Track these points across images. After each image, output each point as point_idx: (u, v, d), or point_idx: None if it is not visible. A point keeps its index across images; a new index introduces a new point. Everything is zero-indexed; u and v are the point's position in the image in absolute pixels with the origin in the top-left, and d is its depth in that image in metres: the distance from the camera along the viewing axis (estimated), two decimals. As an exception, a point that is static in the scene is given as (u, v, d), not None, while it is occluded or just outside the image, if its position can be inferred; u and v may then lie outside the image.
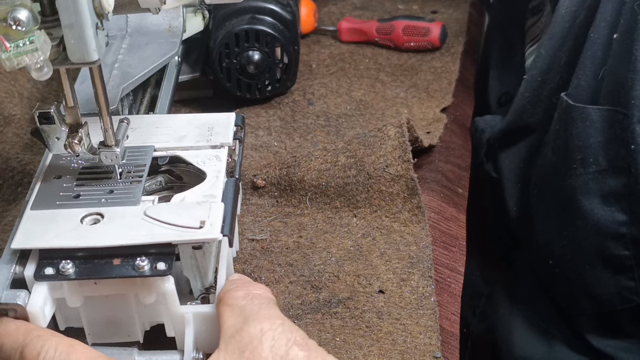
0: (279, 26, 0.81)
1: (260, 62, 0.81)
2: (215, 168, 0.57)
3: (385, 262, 0.64)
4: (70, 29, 0.48)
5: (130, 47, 0.73)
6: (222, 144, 0.60)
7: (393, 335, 0.58)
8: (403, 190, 0.69)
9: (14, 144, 0.78)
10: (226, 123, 0.62)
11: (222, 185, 0.55)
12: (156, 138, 0.61)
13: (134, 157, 0.58)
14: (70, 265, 0.49)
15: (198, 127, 0.62)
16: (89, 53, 0.49)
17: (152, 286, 0.50)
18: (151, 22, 0.75)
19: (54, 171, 0.57)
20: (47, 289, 0.49)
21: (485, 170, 0.85)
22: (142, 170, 0.57)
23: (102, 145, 0.55)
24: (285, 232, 0.67)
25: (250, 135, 0.80)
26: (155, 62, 0.70)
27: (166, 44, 0.73)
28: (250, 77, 0.82)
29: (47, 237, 0.50)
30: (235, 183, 0.57)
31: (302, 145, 0.79)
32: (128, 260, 0.49)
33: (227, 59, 0.81)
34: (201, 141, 0.60)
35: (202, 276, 0.53)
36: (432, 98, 0.86)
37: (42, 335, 0.47)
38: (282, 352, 0.45)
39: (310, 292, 0.62)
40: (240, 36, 0.80)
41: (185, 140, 0.60)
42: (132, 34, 0.74)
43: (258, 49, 0.81)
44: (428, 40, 0.94)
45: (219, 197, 0.54)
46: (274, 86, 0.84)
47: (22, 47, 0.46)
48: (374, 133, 0.71)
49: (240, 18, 0.81)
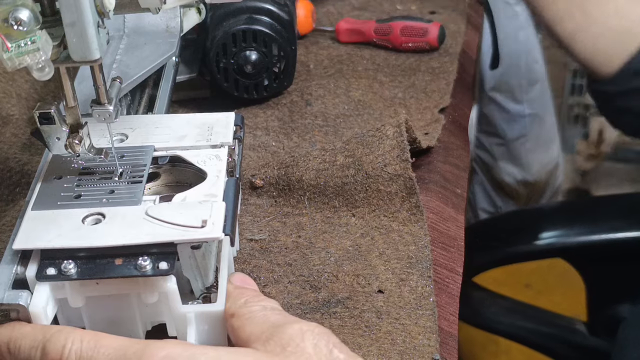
0: (277, 26, 0.82)
1: (257, 62, 0.82)
2: (215, 168, 0.57)
3: (384, 262, 0.64)
4: (72, 27, 0.48)
5: (128, 48, 0.73)
6: (222, 144, 0.60)
7: (392, 335, 0.58)
8: (401, 189, 0.69)
9: (12, 144, 0.78)
10: (226, 122, 0.62)
11: (223, 184, 0.55)
12: (156, 138, 0.61)
13: (134, 157, 0.58)
14: (72, 265, 0.49)
15: (198, 126, 0.62)
16: (90, 51, 0.49)
17: (154, 286, 0.50)
18: (149, 22, 0.75)
19: (55, 171, 0.57)
20: (49, 289, 0.49)
21: None
22: (143, 170, 0.57)
23: (95, 103, 0.55)
24: (284, 232, 0.68)
25: (248, 136, 0.80)
26: (154, 63, 0.71)
27: (164, 44, 0.73)
28: (247, 77, 0.83)
29: (49, 237, 0.50)
30: (236, 182, 0.57)
31: (300, 145, 0.79)
32: (130, 260, 0.49)
33: (225, 59, 0.82)
34: (201, 141, 0.60)
35: (203, 276, 0.53)
36: (430, 99, 0.86)
37: (64, 329, 0.46)
38: (326, 352, 0.45)
39: (310, 292, 0.62)
40: (238, 36, 0.80)
41: (185, 140, 0.60)
42: (129, 34, 0.74)
43: (255, 49, 0.81)
44: (426, 40, 0.94)
45: (220, 196, 0.54)
46: (272, 86, 0.84)
47: (24, 47, 0.46)
48: (372, 133, 0.71)
49: (238, 18, 0.81)
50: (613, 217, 1.17)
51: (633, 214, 1.15)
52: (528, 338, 1.20)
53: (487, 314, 1.21)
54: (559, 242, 1.17)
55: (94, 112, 0.54)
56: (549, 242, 1.17)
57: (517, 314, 1.21)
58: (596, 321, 1.17)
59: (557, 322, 1.19)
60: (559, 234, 1.18)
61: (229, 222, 0.52)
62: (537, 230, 1.18)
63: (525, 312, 1.20)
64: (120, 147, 0.60)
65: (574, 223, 1.18)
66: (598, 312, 1.16)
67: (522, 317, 1.21)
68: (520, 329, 1.20)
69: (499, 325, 1.21)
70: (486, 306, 1.21)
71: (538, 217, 1.26)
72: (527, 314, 1.20)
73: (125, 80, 0.67)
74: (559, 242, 1.17)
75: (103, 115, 0.55)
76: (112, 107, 0.55)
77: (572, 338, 1.18)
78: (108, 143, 0.58)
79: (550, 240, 1.17)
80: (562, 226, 1.18)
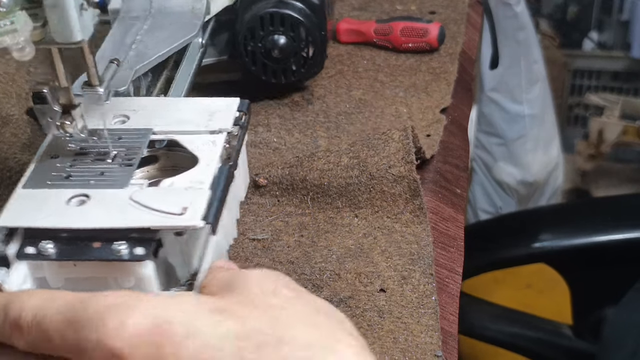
0: (306, 10, 0.80)
1: (285, 46, 0.80)
2: (209, 154, 0.57)
3: (386, 259, 0.64)
4: (53, 9, 0.48)
5: (150, 28, 0.72)
6: (221, 130, 0.59)
7: (394, 333, 0.58)
8: (405, 191, 0.69)
9: (12, 144, 0.78)
10: (228, 108, 0.62)
11: (213, 171, 0.55)
12: (157, 121, 0.60)
13: (131, 139, 0.58)
14: (51, 245, 0.49)
15: (200, 111, 0.61)
16: (72, 33, 0.49)
17: (130, 271, 0.49)
18: (175, 3, 0.74)
19: (52, 151, 0.57)
20: (27, 268, 0.50)
21: None
22: (137, 153, 0.57)
23: (86, 85, 0.55)
24: (286, 231, 0.68)
25: (250, 133, 0.80)
26: (172, 45, 0.70)
27: (187, 25, 0.73)
28: (275, 62, 0.82)
29: (33, 216, 0.50)
30: (229, 170, 0.56)
31: (302, 141, 0.79)
32: (108, 243, 0.49)
33: (252, 42, 0.80)
34: (200, 126, 0.60)
35: (187, 263, 0.53)
36: (432, 98, 0.87)
37: (24, 292, 0.47)
38: (272, 288, 0.44)
39: (312, 290, 0.62)
40: (266, 19, 0.79)
41: (185, 124, 0.60)
42: (155, 14, 0.74)
43: (283, 33, 0.80)
44: (426, 41, 0.94)
45: (207, 183, 0.53)
46: (299, 71, 0.83)
47: (3, 27, 0.46)
48: (378, 136, 0.71)
49: (267, 1, 0.80)
50: (595, 220, 1.17)
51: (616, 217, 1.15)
52: (514, 343, 1.20)
53: (472, 320, 1.21)
54: (541, 247, 1.17)
55: (84, 94, 0.54)
56: (532, 247, 1.17)
57: (503, 319, 1.20)
58: (581, 324, 1.17)
59: (543, 326, 1.19)
60: (541, 239, 1.17)
61: (213, 211, 0.51)
62: (519, 236, 1.18)
63: (511, 317, 1.20)
64: (117, 129, 0.59)
65: (556, 228, 1.18)
66: (583, 315, 1.17)
67: (508, 322, 1.20)
68: (506, 335, 1.20)
69: (485, 332, 1.21)
70: (471, 313, 1.20)
71: (520, 224, 1.26)
72: (513, 319, 1.20)
73: (141, 62, 0.67)
74: (541, 248, 1.17)
75: (93, 98, 0.54)
76: (102, 89, 0.54)
77: (558, 341, 1.18)
78: (109, 124, 0.58)
79: (534, 246, 1.17)
80: (544, 231, 1.18)
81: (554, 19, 2.36)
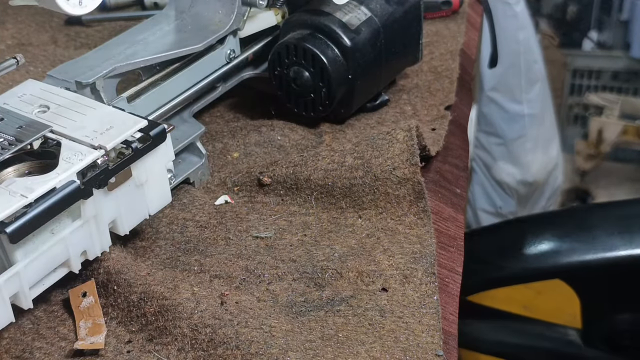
0: (333, 50, 0.76)
1: (306, 81, 0.78)
2: (67, 166, 0.55)
3: (389, 257, 0.65)
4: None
5: (170, 30, 0.73)
6: (101, 146, 0.57)
7: (396, 333, 0.58)
8: (409, 193, 0.69)
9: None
10: (129, 127, 0.59)
11: (54, 184, 0.54)
12: (62, 121, 0.59)
13: (23, 130, 0.57)
14: None
15: (105, 122, 0.59)
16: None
17: None
18: (209, 12, 0.74)
19: None
20: None
21: None
22: (14, 145, 0.56)
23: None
24: (290, 230, 0.68)
25: (253, 133, 0.80)
26: (169, 51, 0.70)
27: (199, 36, 0.73)
28: (298, 92, 0.79)
29: None
30: (76, 189, 0.54)
31: (307, 137, 0.79)
32: None
33: (279, 67, 0.79)
34: (90, 137, 0.58)
35: None
36: (435, 97, 0.87)
37: None
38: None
39: (314, 289, 0.62)
40: (290, 49, 0.77)
41: (80, 131, 0.58)
42: (185, 17, 0.74)
43: (305, 67, 0.77)
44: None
45: (36, 193, 0.53)
46: (317, 110, 0.79)
47: None
48: (382, 136, 0.71)
49: (301, 31, 0.78)
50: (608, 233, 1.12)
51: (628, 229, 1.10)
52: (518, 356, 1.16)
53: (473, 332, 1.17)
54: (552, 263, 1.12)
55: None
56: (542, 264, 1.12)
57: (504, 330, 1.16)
58: (592, 330, 1.12)
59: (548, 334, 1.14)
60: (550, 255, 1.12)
61: (19, 223, 0.51)
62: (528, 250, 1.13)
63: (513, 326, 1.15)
64: (22, 117, 0.59)
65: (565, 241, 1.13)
66: (594, 320, 1.12)
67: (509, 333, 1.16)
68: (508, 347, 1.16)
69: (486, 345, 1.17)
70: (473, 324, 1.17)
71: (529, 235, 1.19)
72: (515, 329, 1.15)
73: (127, 60, 0.67)
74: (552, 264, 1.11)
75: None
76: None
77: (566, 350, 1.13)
78: (31, 111, 0.58)
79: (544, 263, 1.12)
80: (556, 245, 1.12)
81: (554, 18, 2.36)
